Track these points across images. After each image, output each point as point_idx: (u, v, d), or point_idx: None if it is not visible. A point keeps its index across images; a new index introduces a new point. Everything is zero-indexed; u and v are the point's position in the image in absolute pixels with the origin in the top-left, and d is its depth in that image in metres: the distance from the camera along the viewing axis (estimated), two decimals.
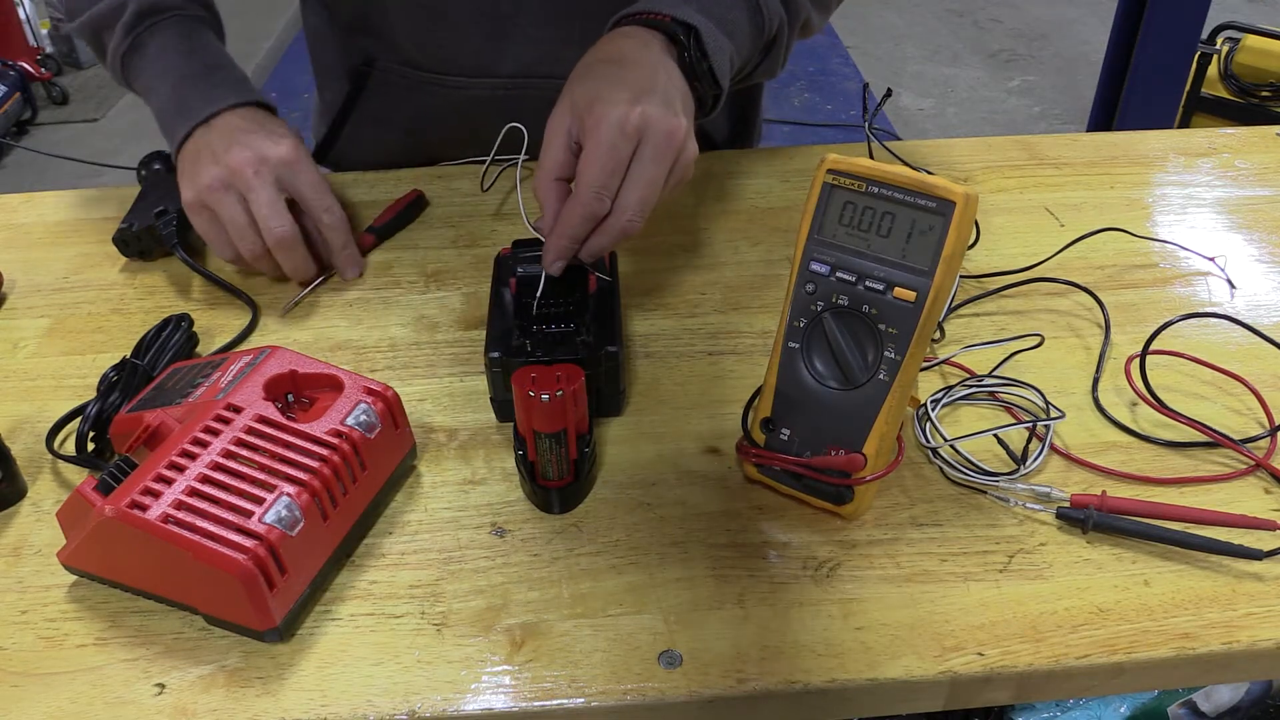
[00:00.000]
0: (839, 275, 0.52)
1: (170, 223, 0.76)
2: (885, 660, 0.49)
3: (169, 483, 0.50)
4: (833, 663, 0.49)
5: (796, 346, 0.54)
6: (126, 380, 0.63)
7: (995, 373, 0.65)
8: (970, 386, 0.64)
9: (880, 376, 0.52)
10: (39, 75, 3.32)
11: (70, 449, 0.61)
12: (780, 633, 0.50)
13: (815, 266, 0.53)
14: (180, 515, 0.48)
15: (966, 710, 0.96)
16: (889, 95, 0.81)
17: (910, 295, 0.50)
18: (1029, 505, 0.56)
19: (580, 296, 0.62)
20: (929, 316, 0.50)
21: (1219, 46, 2.45)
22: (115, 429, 0.58)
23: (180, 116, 0.75)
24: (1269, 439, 0.60)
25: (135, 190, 0.81)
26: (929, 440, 0.60)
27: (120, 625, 0.52)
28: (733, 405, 0.63)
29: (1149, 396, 0.62)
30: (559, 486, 0.56)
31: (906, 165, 0.57)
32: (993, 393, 0.64)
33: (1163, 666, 0.49)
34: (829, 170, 0.52)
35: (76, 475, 0.60)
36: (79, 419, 0.61)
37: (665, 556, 0.54)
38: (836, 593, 0.52)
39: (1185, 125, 2.49)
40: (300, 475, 0.51)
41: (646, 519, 0.56)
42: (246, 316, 0.72)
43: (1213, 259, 0.76)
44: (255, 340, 0.71)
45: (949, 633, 0.50)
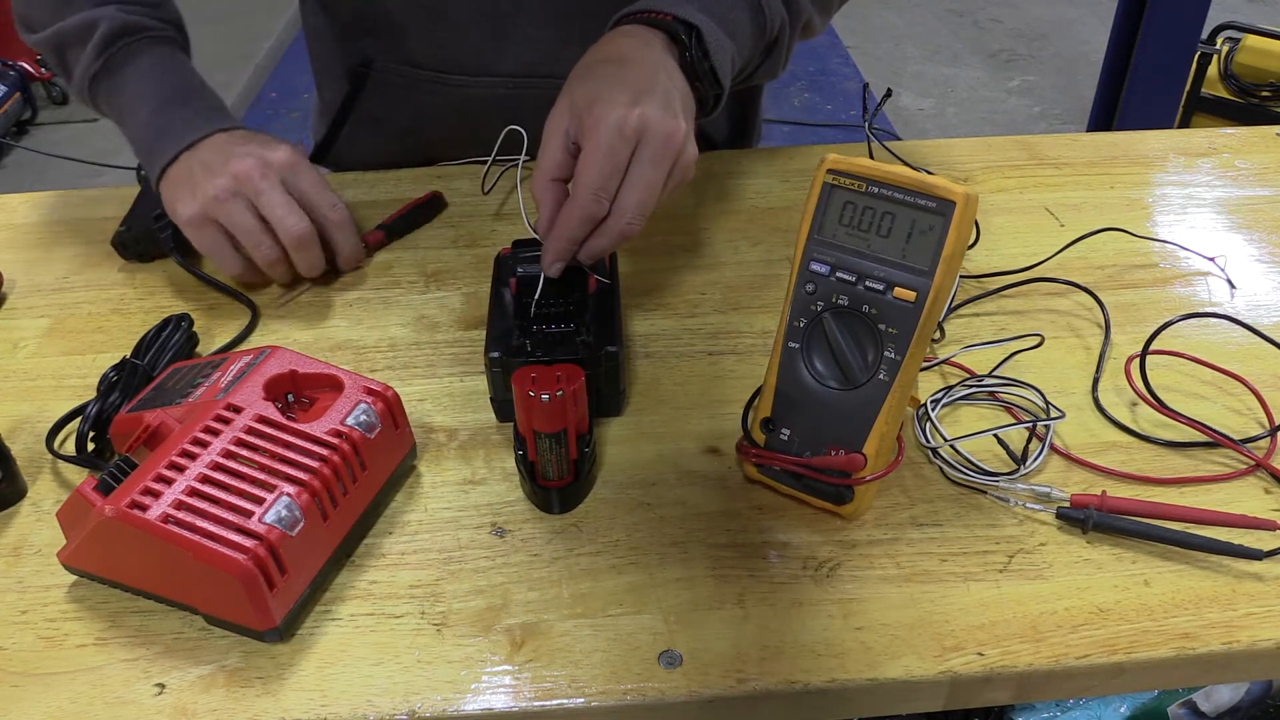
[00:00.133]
0: (839, 275, 0.52)
1: (168, 226, 0.75)
2: (885, 660, 0.49)
3: (169, 483, 0.50)
4: (833, 663, 0.49)
5: (796, 346, 0.54)
6: (126, 380, 0.63)
7: (995, 373, 0.65)
8: (970, 386, 0.64)
9: (880, 376, 0.52)
10: (39, 75, 3.32)
11: (70, 449, 0.61)
12: (780, 633, 0.50)
13: (815, 266, 0.53)
14: (180, 515, 0.48)
15: (966, 710, 0.96)
16: (889, 95, 0.81)
17: (910, 295, 0.50)
18: (1029, 505, 0.56)
19: (580, 296, 0.62)
20: (929, 316, 0.50)
21: (1219, 46, 2.44)
22: (115, 429, 0.58)
23: (164, 140, 0.74)
24: (1269, 439, 0.60)
25: (135, 190, 0.81)
26: (929, 440, 0.60)
27: (120, 625, 0.52)
28: (733, 405, 0.63)
29: (1149, 396, 0.62)
30: (559, 486, 0.56)
31: (906, 165, 0.57)
32: (993, 393, 0.64)
33: (1163, 666, 0.49)
34: (829, 170, 0.52)
35: (76, 475, 0.60)
36: (79, 419, 0.61)
37: (665, 556, 0.54)
38: (836, 593, 0.52)
39: (1185, 125, 2.48)
40: (300, 475, 0.51)
41: (646, 519, 0.57)
42: (246, 316, 0.72)
43: (1213, 259, 0.76)
44: (255, 340, 0.71)
45: (949, 633, 0.50)
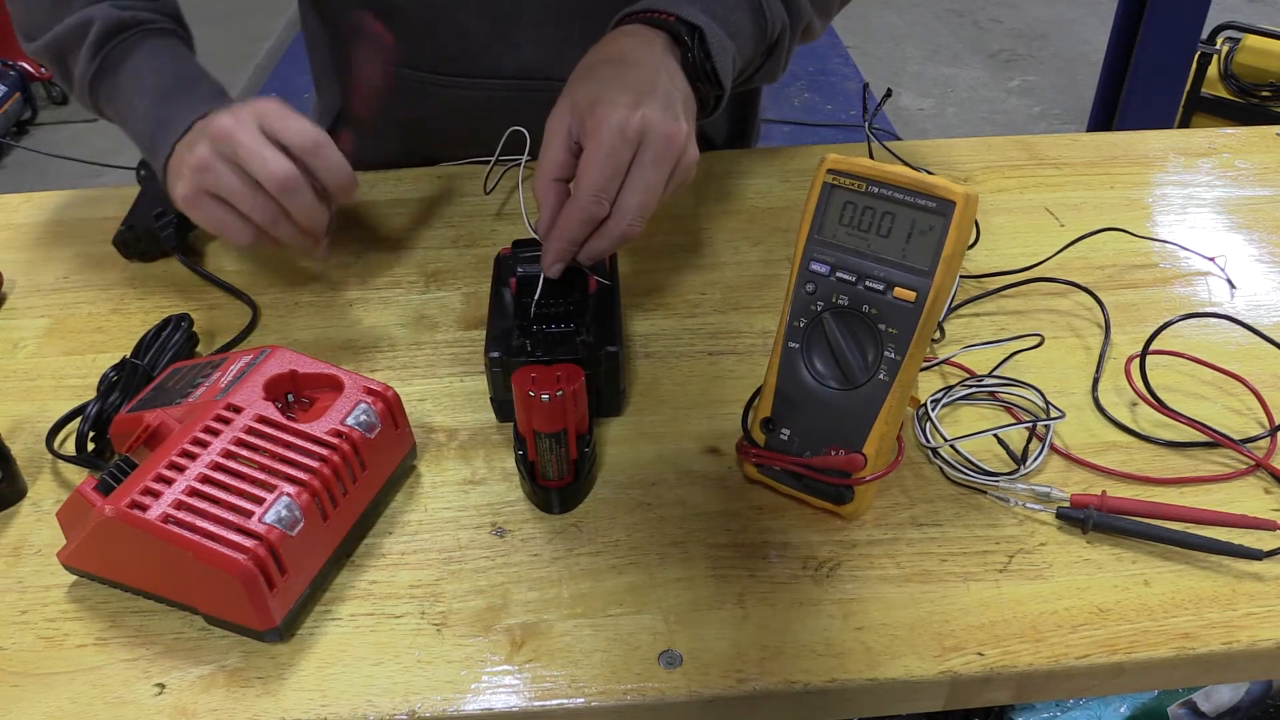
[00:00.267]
0: (839, 275, 0.52)
1: (170, 224, 0.75)
2: (885, 660, 0.49)
3: (169, 483, 0.50)
4: (833, 663, 0.49)
5: (796, 346, 0.54)
6: (126, 380, 0.63)
7: (995, 373, 0.65)
8: (970, 386, 0.64)
9: (880, 376, 0.52)
10: (39, 75, 3.32)
11: (70, 449, 0.61)
12: (780, 633, 0.50)
13: (815, 266, 0.53)
14: (180, 515, 0.48)
15: (966, 710, 0.96)
16: (889, 95, 0.81)
17: (910, 295, 0.50)
18: (1029, 505, 0.56)
19: (580, 297, 0.62)
20: (929, 316, 0.50)
21: (1219, 46, 2.44)
22: (115, 429, 0.58)
23: (164, 131, 0.71)
24: (1269, 439, 0.60)
25: (135, 190, 0.81)
26: (929, 440, 0.60)
27: (120, 625, 0.52)
28: (733, 405, 0.63)
29: (1149, 396, 0.62)
30: (559, 486, 0.56)
31: (906, 165, 0.57)
32: (993, 393, 0.64)
33: (1163, 666, 0.49)
34: (829, 170, 0.52)
35: (76, 475, 0.60)
36: (79, 419, 0.61)
37: (665, 556, 0.54)
38: (836, 593, 0.52)
39: (1185, 125, 2.48)
40: (300, 475, 0.51)
41: (646, 519, 0.56)
42: (246, 316, 0.72)
43: (1213, 259, 0.76)
44: (255, 340, 0.71)
45: (949, 633, 0.50)
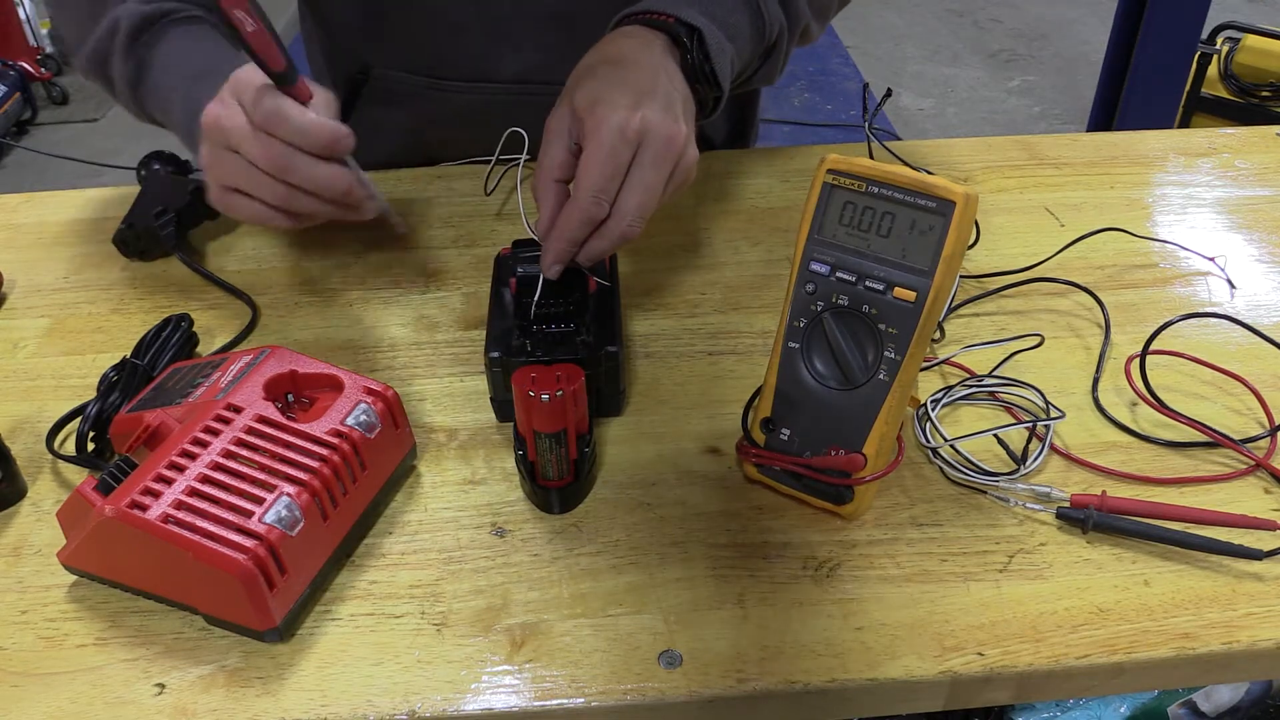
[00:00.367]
0: (839, 275, 0.52)
1: (170, 223, 0.76)
2: (885, 660, 0.49)
3: (169, 483, 0.50)
4: (833, 663, 0.49)
5: (796, 346, 0.54)
6: (126, 380, 0.63)
7: (995, 373, 0.65)
8: (970, 386, 0.64)
9: (880, 376, 0.52)
10: (39, 75, 3.32)
11: (70, 449, 0.61)
12: (780, 633, 0.50)
13: (815, 266, 0.53)
14: (180, 515, 0.48)
15: (966, 710, 0.96)
16: (889, 95, 0.81)
17: (910, 295, 0.50)
18: (1029, 505, 0.56)
19: (580, 296, 0.62)
20: (929, 316, 0.50)
21: (1219, 46, 2.45)
22: (115, 429, 0.58)
23: (195, 123, 0.67)
24: (1269, 439, 0.60)
25: (135, 190, 0.81)
26: (929, 440, 0.60)
27: (120, 625, 0.52)
28: (733, 405, 0.63)
29: (1149, 396, 0.62)
30: (559, 486, 0.56)
31: (906, 165, 0.57)
32: (993, 393, 0.64)
33: (1163, 666, 0.49)
34: (829, 170, 0.52)
35: (76, 475, 0.60)
36: (79, 419, 0.61)
37: (665, 556, 0.54)
38: (836, 593, 0.52)
39: (1185, 125, 2.49)
40: (300, 475, 0.51)
41: (646, 519, 0.56)
42: (246, 316, 0.72)
43: (1213, 259, 0.76)
44: (255, 340, 0.71)
45: (949, 633, 0.50)
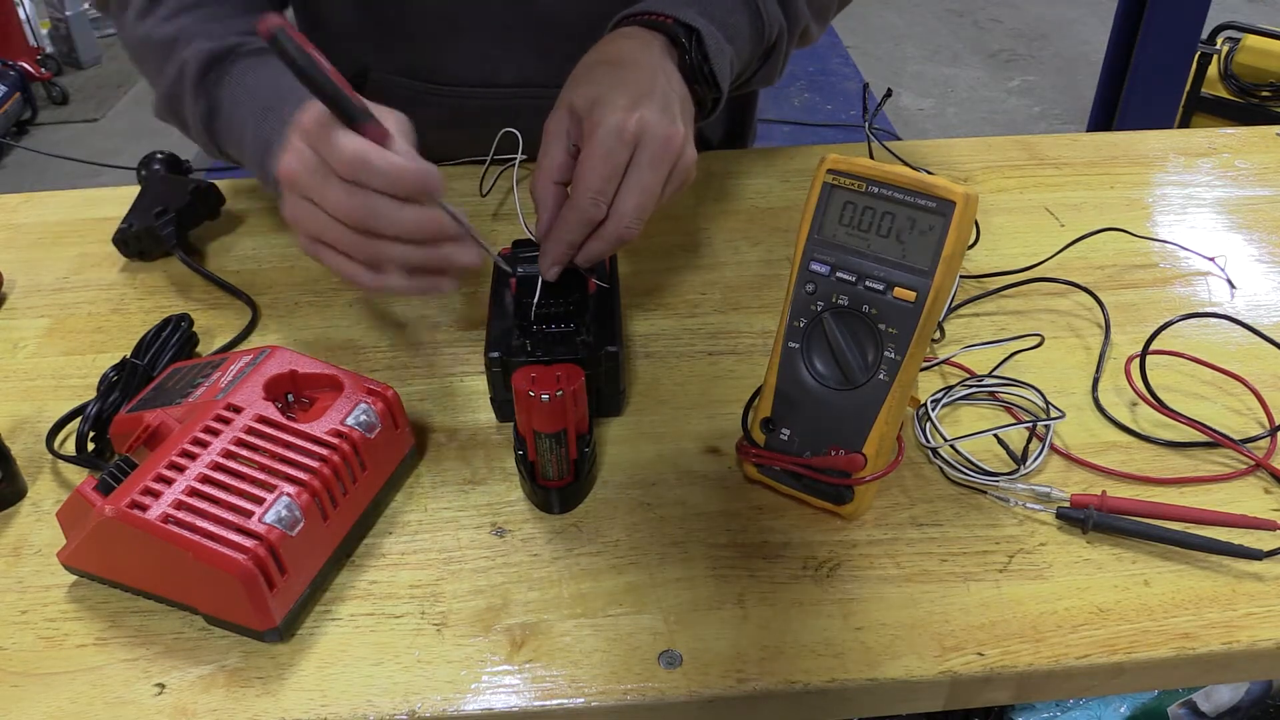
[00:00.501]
0: (839, 275, 0.52)
1: (169, 223, 0.76)
2: (885, 660, 0.49)
3: (169, 483, 0.50)
4: (833, 663, 0.49)
5: (796, 346, 0.54)
6: (126, 380, 0.63)
7: (995, 373, 0.65)
8: (970, 386, 0.64)
9: (880, 376, 0.52)
10: (39, 75, 3.32)
11: (70, 449, 0.61)
12: (780, 633, 0.50)
13: (815, 266, 0.53)
14: (180, 515, 0.48)
15: (966, 710, 0.96)
16: (889, 95, 0.81)
17: (910, 295, 0.50)
18: (1029, 505, 0.56)
19: (580, 297, 0.62)
20: (929, 316, 0.50)
21: (1219, 46, 2.45)
22: (115, 429, 0.58)
23: (268, 160, 0.64)
24: (1269, 439, 0.60)
25: (135, 190, 0.81)
26: (929, 440, 0.60)
27: (120, 625, 0.52)
28: (733, 405, 0.63)
29: (1149, 396, 0.62)
30: (559, 486, 0.56)
31: (906, 165, 0.57)
32: (993, 393, 0.64)
33: (1163, 666, 0.49)
34: (829, 170, 0.52)
35: (76, 475, 0.60)
36: (79, 419, 0.61)
37: (665, 556, 0.54)
38: (836, 593, 0.52)
39: (1185, 125, 2.49)
40: (300, 475, 0.51)
41: (646, 519, 0.56)
42: (246, 316, 0.72)
43: (1213, 259, 0.76)
44: (255, 340, 0.71)
45: (949, 633, 0.50)
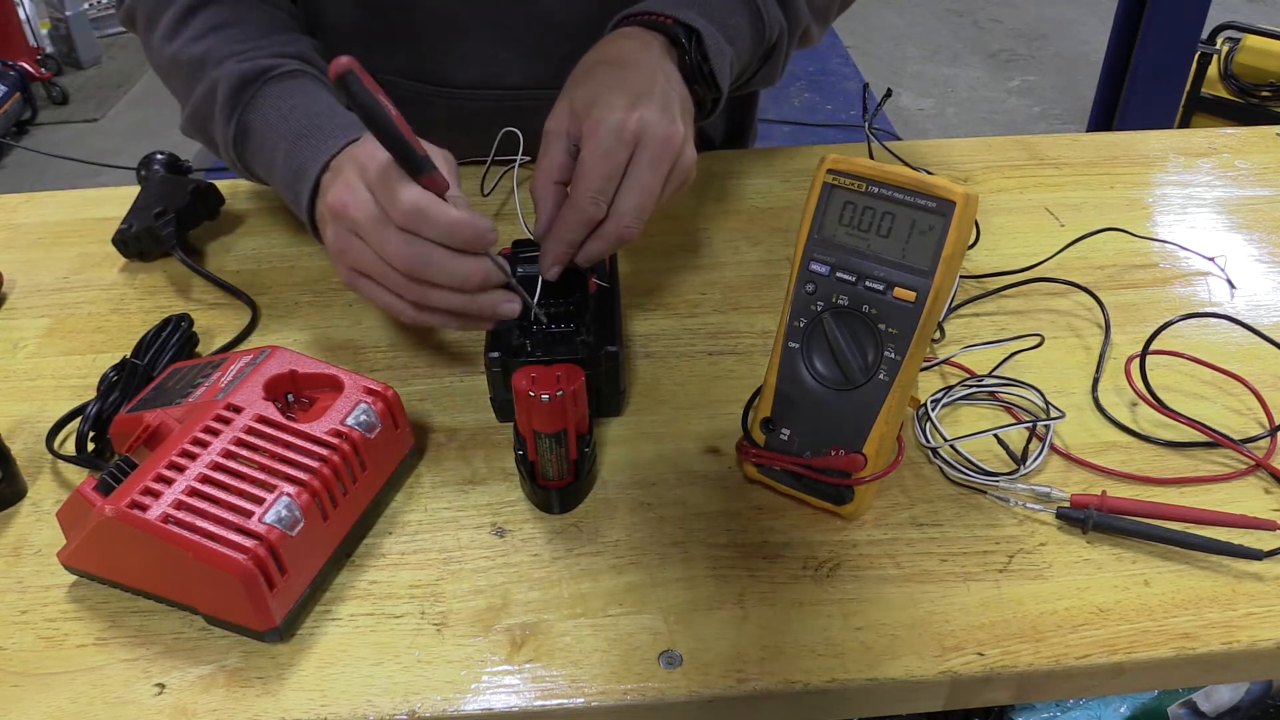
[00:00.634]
0: (839, 275, 0.52)
1: (169, 223, 0.75)
2: (885, 660, 0.49)
3: (169, 483, 0.50)
4: (833, 663, 0.49)
5: (796, 346, 0.54)
6: (126, 380, 0.63)
7: (995, 373, 0.65)
8: (970, 386, 0.64)
9: (880, 376, 0.52)
10: (39, 75, 3.32)
11: (70, 449, 0.61)
12: (780, 633, 0.50)
13: (815, 266, 0.53)
14: (180, 515, 0.48)
15: (966, 710, 0.96)
16: (889, 95, 0.81)
17: (910, 295, 0.50)
18: (1029, 505, 0.56)
19: (580, 297, 0.62)
20: (929, 316, 0.50)
21: (1219, 46, 2.45)
22: (115, 429, 0.58)
23: (300, 182, 0.64)
24: (1269, 439, 0.60)
25: (135, 190, 0.81)
26: (929, 440, 0.60)
27: (120, 625, 0.52)
28: (733, 405, 0.63)
29: (1149, 396, 0.62)
30: (559, 486, 0.56)
31: (906, 165, 0.57)
32: (993, 393, 0.64)
33: (1163, 666, 0.49)
34: (829, 170, 0.52)
35: (76, 475, 0.60)
36: (79, 419, 0.61)
37: (665, 556, 0.54)
38: (836, 593, 0.52)
39: (1185, 125, 2.49)
40: (300, 475, 0.51)
41: (646, 519, 0.56)
42: (246, 316, 0.72)
43: (1213, 259, 0.76)
44: (255, 340, 0.71)
45: (949, 633, 0.50)
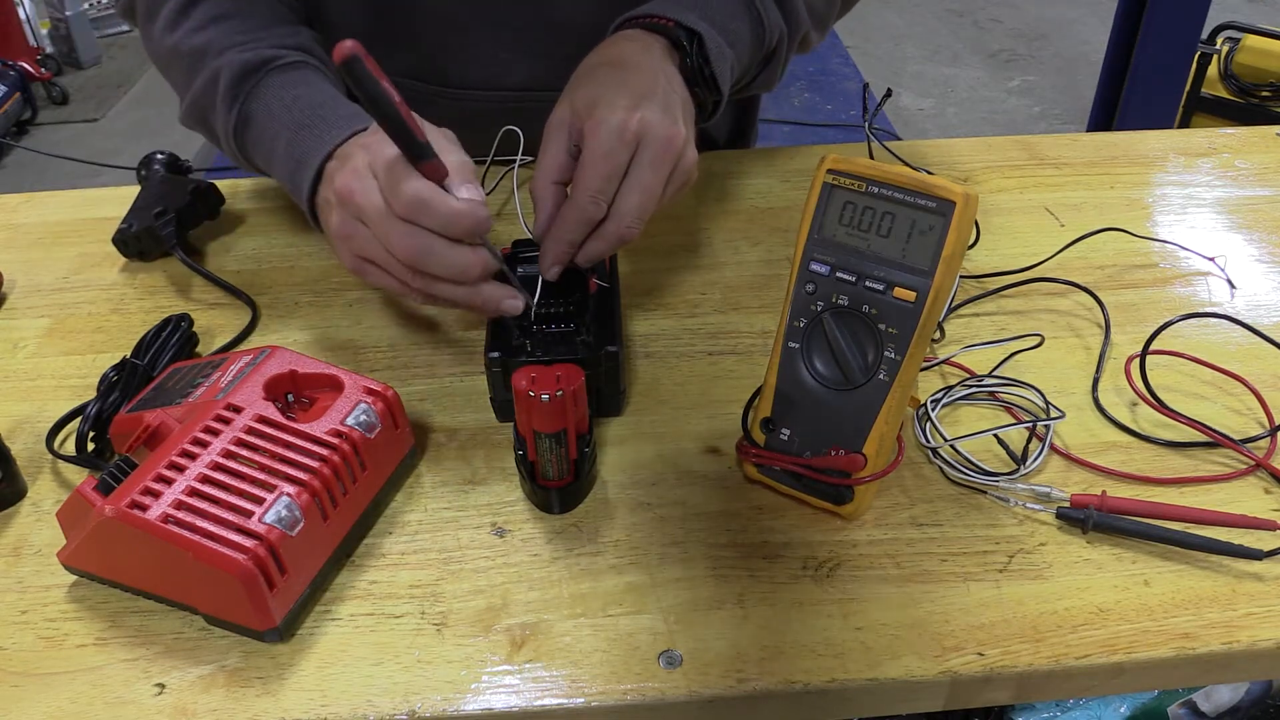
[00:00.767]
0: (839, 275, 0.52)
1: (169, 223, 0.75)
2: (885, 660, 0.49)
3: (169, 483, 0.50)
4: (833, 663, 0.49)
5: (796, 346, 0.54)
6: (126, 380, 0.63)
7: (995, 373, 0.65)
8: (970, 386, 0.64)
9: (880, 376, 0.52)
10: (39, 75, 3.32)
11: (70, 449, 0.61)
12: (780, 633, 0.50)
13: (815, 266, 0.53)
14: (180, 515, 0.48)
15: (966, 710, 0.96)
16: (889, 95, 0.81)
17: (910, 295, 0.50)
18: (1029, 505, 0.56)
19: (580, 297, 0.62)
20: (929, 316, 0.50)
21: (1219, 46, 2.45)
22: (115, 429, 0.58)
23: (301, 171, 0.65)
24: (1269, 439, 0.60)
25: (135, 190, 0.81)
26: (929, 440, 0.60)
27: (120, 625, 0.52)
28: (733, 405, 0.63)
29: (1149, 396, 0.62)
30: (559, 486, 0.56)
31: (906, 165, 0.57)
32: (993, 393, 0.64)
33: (1163, 666, 0.49)
34: (829, 170, 0.52)
35: (76, 475, 0.60)
36: (79, 419, 0.61)
37: (665, 556, 0.54)
38: (836, 593, 0.52)
39: (1185, 125, 2.49)
40: (300, 475, 0.51)
41: (646, 519, 0.56)
42: (246, 316, 0.72)
43: (1213, 259, 0.76)
44: (255, 340, 0.71)
45: (949, 633, 0.50)
